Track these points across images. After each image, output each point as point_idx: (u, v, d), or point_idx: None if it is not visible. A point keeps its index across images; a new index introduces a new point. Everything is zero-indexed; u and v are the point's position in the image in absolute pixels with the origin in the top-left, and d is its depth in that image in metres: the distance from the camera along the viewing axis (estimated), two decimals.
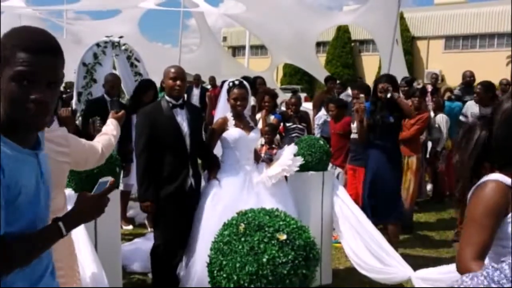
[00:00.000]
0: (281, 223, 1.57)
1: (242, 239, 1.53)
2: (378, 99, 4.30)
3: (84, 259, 2.59)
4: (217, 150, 3.75)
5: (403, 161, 5.30)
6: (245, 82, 3.64)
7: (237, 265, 1.49)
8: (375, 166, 4.32)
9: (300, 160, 3.61)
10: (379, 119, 4.24)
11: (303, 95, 16.27)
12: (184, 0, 9.61)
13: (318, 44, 32.69)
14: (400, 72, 8.94)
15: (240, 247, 1.52)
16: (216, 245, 1.59)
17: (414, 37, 29.15)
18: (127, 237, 4.85)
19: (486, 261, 1.68)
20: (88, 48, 5.29)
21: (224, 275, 1.51)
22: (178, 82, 3.29)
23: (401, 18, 28.62)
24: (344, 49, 29.65)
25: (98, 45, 5.30)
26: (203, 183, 3.58)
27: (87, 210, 1.38)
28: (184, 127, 3.32)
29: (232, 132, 3.50)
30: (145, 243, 4.01)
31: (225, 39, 34.74)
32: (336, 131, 5.45)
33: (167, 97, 3.34)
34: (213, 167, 3.57)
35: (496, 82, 7.70)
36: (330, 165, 5.27)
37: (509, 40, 26.30)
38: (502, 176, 1.58)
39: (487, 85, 5.20)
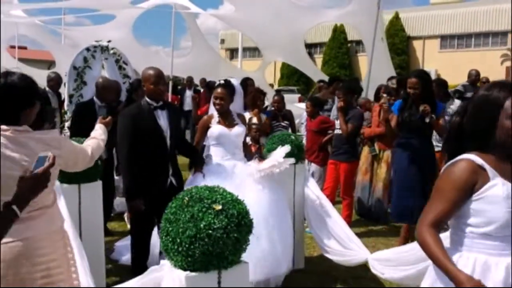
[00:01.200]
0: (218, 196, 1.88)
1: (185, 209, 1.84)
2: (408, 95, 4.18)
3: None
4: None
5: (380, 155, 5.58)
6: (232, 82, 3.83)
7: (180, 230, 1.80)
8: (402, 165, 4.25)
9: (291, 160, 3.77)
10: (407, 117, 4.15)
11: (297, 96, 16.59)
12: (176, 4, 9.92)
13: (315, 45, 33.19)
14: (385, 70, 9.21)
15: (183, 215, 1.83)
16: (166, 216, 1.91)
17: (410, 37, 29.45)
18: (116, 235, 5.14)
19: (446, 235, 1.81)
20: (78, 53, 5.62)
21: (170, 239, 1.82)
22: (160, 87, 3.43)
23: (397, 18, 28.96)
24: (340, 50, 29.97)
25: (88, 49, 5.62)
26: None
27: (31, 189, 1.59)
28: (165, 127, 3.48)
29: (214, 129, 3.73)
30: None
31: (223, 41, 35.12)
32: (311, 128, 5.77)
33: (147, 99, 3.46)
34: (198, 162, 3.78)
35: (489, 79, 7.99)
36: (306, 161, 5.59)
37: (503, 38, 26.59)
38: (475, 156, 1.68)
39: (439, 83, 5.50)
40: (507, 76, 21.06)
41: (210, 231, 1.76)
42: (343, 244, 3.83)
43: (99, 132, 2.68)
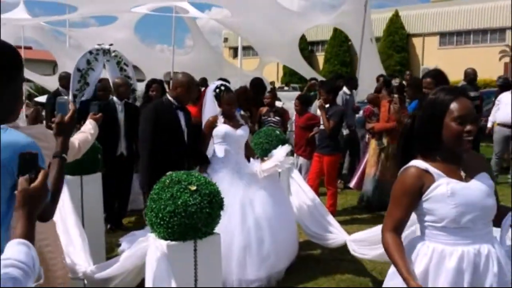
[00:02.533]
0: (193, 179, 2.29)
1: (166, 189, 2.24)
2: (424, 95, 4.45)
3: (73, 235, 3.06)
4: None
5: (387, 149, 5.88)
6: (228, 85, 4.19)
7: (161, 207, 2.20)
8: None
9: (291, 159, 4.11)
10: None
11: (298, 93, 16.90)
12: (176, 7, 10.30)
13: (317, 43, 33.48)
14: (374, 69, 9.58)
15: (164, 195, 2.23)
16: (150, 196, 2.32)
17: (410, 34, 29.62)
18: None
19: (409, 232, 2.06)
20: (81, 55, 6.02)
21: (154, 214, 2.22)
22: (191, 95, 3.88)
23: (397, 16, 29.17)
24: (341, 47, 30.18)
25: (90, 52, 6.02)
26: None
27: (68, 133, 1.81)
28: (183, 126, 3.83)
29: (220, 128, 3.96)
30: (142, 233, 4.52)
31: (226, 40, 35.48)
32: (299, 124, 6.16)
33: (170, 98, 3.84)
34: (203, 162, 3.96)
35: (488, 75, 7.94)
36: (295, 155, 5.98)
37: (501, 35, 26.79)
38: (420, 162, 1.83)
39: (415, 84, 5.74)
40: (505, 71, 21.20)
41: (186, 207, 2.15)
42: (326, 229, 4.21)
43: (88, 127, 2.80)
